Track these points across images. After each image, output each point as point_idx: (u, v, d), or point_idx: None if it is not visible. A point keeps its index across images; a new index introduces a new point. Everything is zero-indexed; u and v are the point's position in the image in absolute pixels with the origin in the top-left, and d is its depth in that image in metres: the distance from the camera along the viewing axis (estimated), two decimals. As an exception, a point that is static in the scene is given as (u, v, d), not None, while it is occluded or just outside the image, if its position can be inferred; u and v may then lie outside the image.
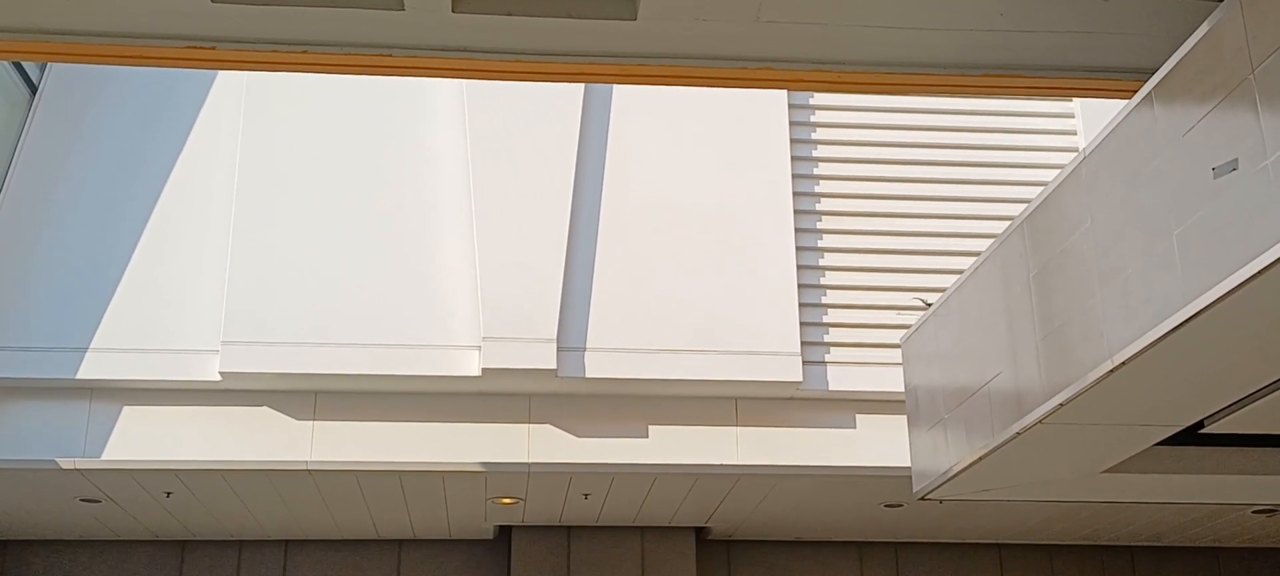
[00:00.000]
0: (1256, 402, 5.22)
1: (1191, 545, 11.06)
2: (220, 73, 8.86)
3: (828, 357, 8.72)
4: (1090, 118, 9.19)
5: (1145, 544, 11.04)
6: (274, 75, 8.56)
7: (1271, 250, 3.91)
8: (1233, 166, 4.09)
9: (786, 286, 8.68)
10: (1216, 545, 11.07)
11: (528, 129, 8.65)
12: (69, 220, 8.51)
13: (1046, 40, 4.97)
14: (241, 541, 10.32)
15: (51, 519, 9.45)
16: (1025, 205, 5.86)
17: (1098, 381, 5.02)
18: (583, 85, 8.77)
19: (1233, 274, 4.10)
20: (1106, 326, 4.93)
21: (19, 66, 8.62)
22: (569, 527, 10.22)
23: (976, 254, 6.60)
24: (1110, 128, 4.98)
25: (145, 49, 4.87)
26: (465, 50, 4.91)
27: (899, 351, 7.64)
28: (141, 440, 8.22)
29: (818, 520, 10.08)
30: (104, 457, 8.16)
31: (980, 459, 6.17)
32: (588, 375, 8.34)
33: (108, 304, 8.29)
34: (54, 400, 8.20)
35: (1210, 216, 4.23)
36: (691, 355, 8.45)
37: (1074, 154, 5.34)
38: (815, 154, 9.22)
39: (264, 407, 8.37)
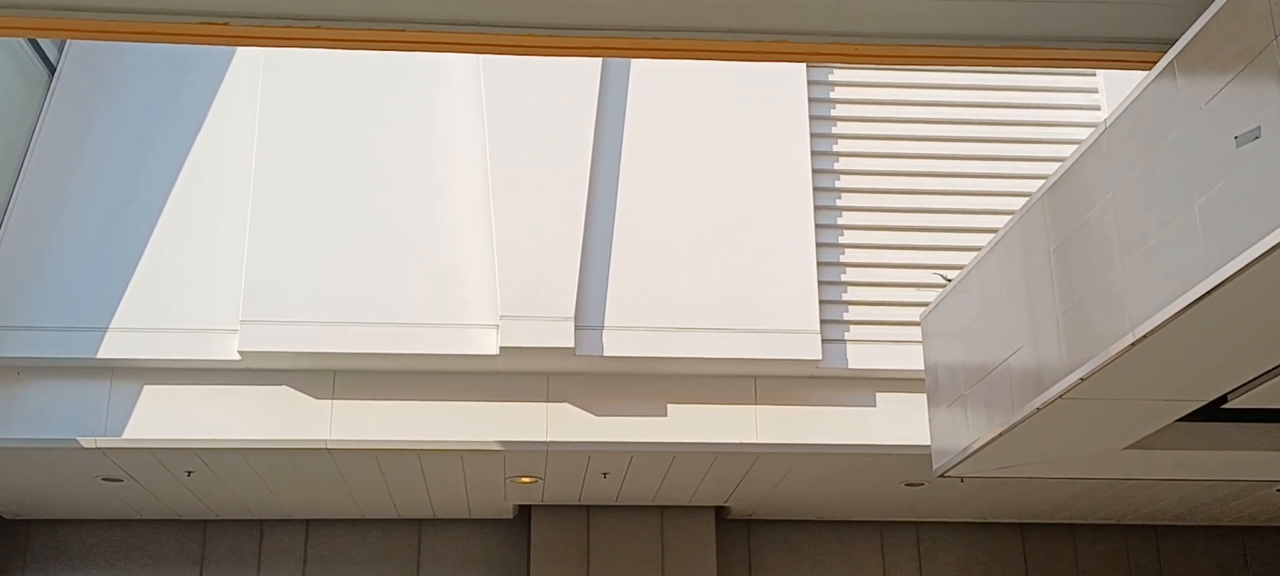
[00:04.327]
0: (1280, 377, 5.16)
1: (1217, 524, 10.97)
2: (237, 51, 8.87)
3: (847, 335, 8.67)
4: (1113, 90, 9.09)
5: (1170, 523, 10.95)
6: (290, 53, 8.56)
7: (1295, 219, 3.86)
8: (1255, 134, 4.03)
9: (806, 264, 8.63)
10: (1242, 524, 10.98)
11: (545, 107, 8.61)
12: (88, 200, 8.54)
13: (1067, 10, 4.92)
14: (263, 520, 10.36)
15: (74, 498, 9.51)
16: (1046, 179, 5.81)
17: (1119, 355, 4.97)
18: (600, 62, 8.72)
19: (1256, 244, 4.04)
20: (1128, 299, 4.88)
21: (37, 47, 8.63)
22: (588, 507, 10.22)
23: (997, 229, 6.55)
24: (1131, 98, 4.91)
25: (158, 25, 4.87)
26: (479, 24, 4.88)
27: (919, 328, 7.60)
28: (162, 419, 8.25)
29: (838, 499, 10.05)
30: (125, 436, 8.20)
31: (1000, 435, 6.13)
32: (606, 353, 8.31)
33: (127, 283, 8.32)
34: (75, 379, 8.24)
35: (1233, 186, 4.17)
36: (710, 333, 8.41)
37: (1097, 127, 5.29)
38: (834, 130, 9.15)
39: (283, 386, 8.38)
